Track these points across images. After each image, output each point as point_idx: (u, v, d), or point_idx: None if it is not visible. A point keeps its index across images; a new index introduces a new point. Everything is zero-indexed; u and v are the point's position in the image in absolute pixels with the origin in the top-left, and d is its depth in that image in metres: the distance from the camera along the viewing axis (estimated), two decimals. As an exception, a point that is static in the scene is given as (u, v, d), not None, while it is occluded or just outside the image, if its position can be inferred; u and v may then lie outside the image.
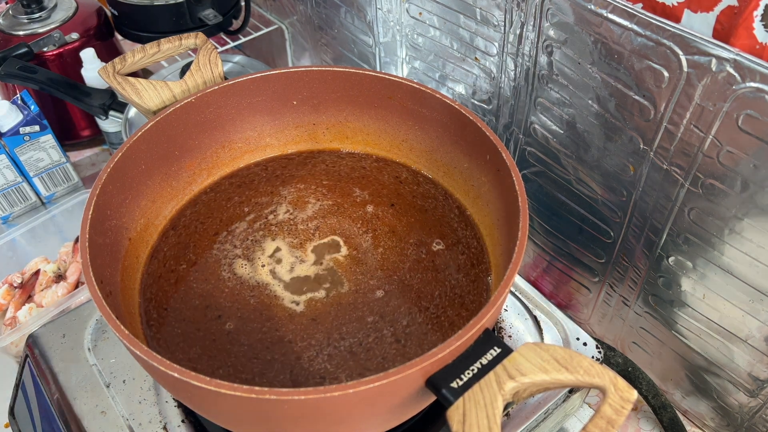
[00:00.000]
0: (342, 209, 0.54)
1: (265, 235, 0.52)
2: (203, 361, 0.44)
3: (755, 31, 0.39)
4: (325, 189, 0.55)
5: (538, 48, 0.52)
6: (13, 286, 0.71)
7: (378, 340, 0.44)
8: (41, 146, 0.81)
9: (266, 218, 0.53)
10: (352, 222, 0.52)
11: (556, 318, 0.55)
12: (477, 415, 0.32)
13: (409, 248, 0.50)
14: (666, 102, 0.44)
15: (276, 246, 0.51)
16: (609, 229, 0.56)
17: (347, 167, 0.57)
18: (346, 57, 0.81)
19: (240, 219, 0.53)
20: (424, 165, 0.56)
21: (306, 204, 0.54)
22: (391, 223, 0.52)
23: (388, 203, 0.54)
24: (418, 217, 0.53)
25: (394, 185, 0.55)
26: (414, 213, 0.53)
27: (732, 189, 0.44)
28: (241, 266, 0.50)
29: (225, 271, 0.49)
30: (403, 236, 0.51)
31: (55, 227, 0.78)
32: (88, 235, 0.40)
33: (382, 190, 0.55)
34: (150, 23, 0.83)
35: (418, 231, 0.52)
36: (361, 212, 0.53)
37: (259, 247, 0.51)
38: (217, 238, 0.52)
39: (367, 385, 0.31)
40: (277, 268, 0.50)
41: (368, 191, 0.55)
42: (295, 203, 0.54)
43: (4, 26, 0.88)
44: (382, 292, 0.47)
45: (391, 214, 0.53)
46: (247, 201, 0.55)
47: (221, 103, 0.53)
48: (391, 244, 0.51)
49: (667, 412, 0.57)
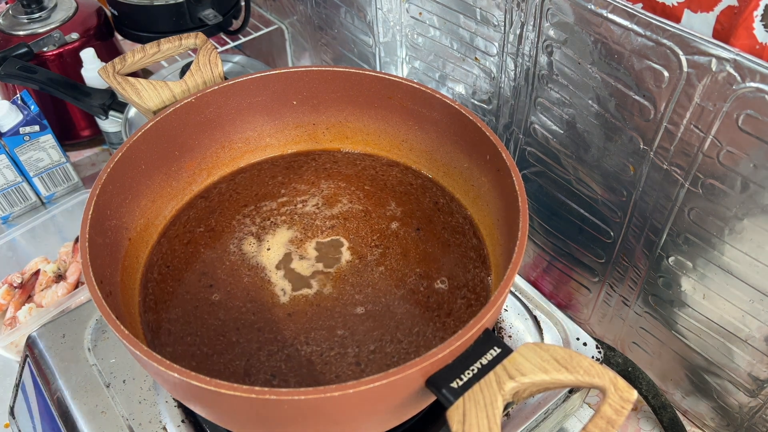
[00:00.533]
0: (368, 217, 0.53)
1: (285, 220, 0.53)
2: (178, 324, 0.45)
3: (755, 31, 0.39)
4: (362, 194, 0.54)
5: (538, 48, 0.52)
6: (13, 286, 0.71)
7: (339, 357, 0.43)
8: (41, 146, 0.81)
9: (295, 205, 0.54)
10: (371, 233, 0.52)
11: (556, 318, 0.55)
12: (477, 415, 0.32)
13: (412, 277, 0.48)
14: (666, 102, 0.44)
15: (290, 235, 0.51)
16: (609, 229, 0.56)
17: (395, 179, 0.56)
18: (346, 57, 0.81)
19: (272, 198, 0.54)
20: (424, 165, 0.56)
21: (336, 202, 0.54)
22: (407, 246, 0.51)
23: (416, 226, 0.52)
24: (438, 251, 0.50)
25: (431, 210, 0.53)
26: (437, 245, 0.50)
27: (732, 189, 0.44)
28: (250, 244, 0.51)
29: (233, 244, 0.51)
30: (412, 263, 0.49)
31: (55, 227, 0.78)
32: (88, 235, 0.40)
33: (416, 211, 0.53)
34: (150, 23, 0.83)
35: (430, 264, 0.49)
36: (384, 226, 0.52)
37: (273, 231, 0.52)
38: (243, 211, 0.53)
39: (367, 385, 0.31)
40: (280, 254, 0.50)
41: (403, 208, 0.53)
42: (327, 199, 0.54)
43: (4, 26, 0.88)
44: (363, 309, 0.46)
45: (412, 238, 0.51)
46: (286, 183, 0.56)
47: (221, 103, 0.53)
48: (396, 267, 0.49)
49: (667, 412, 0.57)
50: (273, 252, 0.50)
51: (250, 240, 0.51)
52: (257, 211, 0.53)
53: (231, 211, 0.54)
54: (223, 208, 0.54)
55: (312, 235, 0.52)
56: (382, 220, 0.53)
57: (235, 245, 0.51)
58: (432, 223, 0.52)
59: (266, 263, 0.50)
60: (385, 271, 0.49)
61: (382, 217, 0.53)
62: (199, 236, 0.51)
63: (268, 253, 0.50)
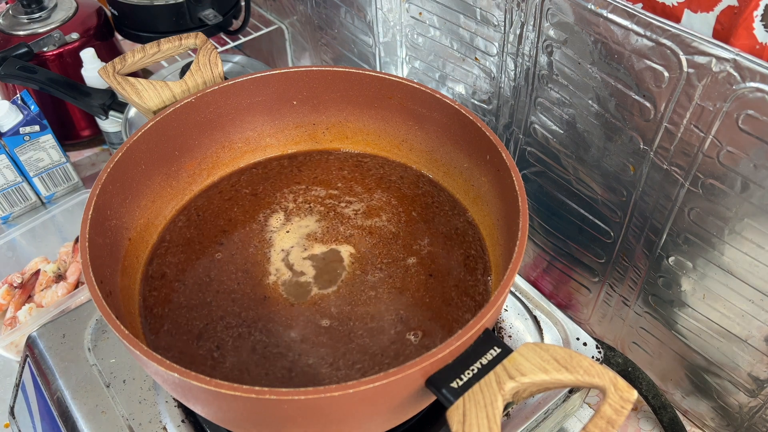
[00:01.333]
0: (397, 241, 0.51)
1: (320, 211, 0.53)
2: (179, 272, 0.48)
3: (755, 31, 0.39)
4: (406, 215, 0.53)
5: (538, 48, 0.52)
6: (13, 286, 0.71)
7: (278, 357, 0.43)
8: (41, 146, 0.81)
9: (340, 200, 0.54)
10: (383, 256, 0.50)
11: (556, 318, 0.55)
12: (477, 415, 0.32)
13: (391, 315, 0.46)
14: (666, 102, 0.44)
15: (313, 227, 0.52)
16: (609, 229, 0.56)
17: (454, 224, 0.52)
18: (346, 57, 0.81)
19: (328, 187, 0.56)
20: (424, 165, 0.56)
21: (377, 216, 0.53)
22: (409, 286, 0.48)
23: (428, 272, 0.49)
24: (437, 304, 0.47)
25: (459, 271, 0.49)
26: (439, 301, 0.47)
27: (732, 189, 0.44)
28: (277, 219, 0.52)
29: (263, 214, 0.53)
30: (401, 304, 0.47)
31: (55, 227, 0.78)
32: (88, 235, 0.40)
33: (439, 258, 0.50)
34: (150, 23, 0.83)
35: (416, 314, 0.46)
36: (401, 256, 0.50)
37: (304, 216, 0.53)
38: (290, 188, 0.55)
39: (367, 385, 0.31)
40: (295, 239, 0.51)
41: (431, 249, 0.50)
42: (370, 210, 0.54)
43: (4, 26, 0.88)
44: (328, 323, 0.45)
45: (419, 281, 0.48)
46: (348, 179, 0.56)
47: (221, 103, 0.53)
48: (384, 299, 0.47)
49: (667, 412, 0.57)
50: (292, 234, 0.52)
51: (279, 216, 0.53)
52: (307, 191, 0.55)
53: (281, 184, 0.56)
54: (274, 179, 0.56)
55: (331, 236, 0.52)
56: (404, 252, 0.50)
57: (265, 216, 0.53)
58: (448, 278, 0.49)
59: (278, 241, 0.51)
60: (373, 297, 0.47)
61: (407, 248, 0.51)
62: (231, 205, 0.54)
63: (285, 234, 0.52)
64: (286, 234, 0.52)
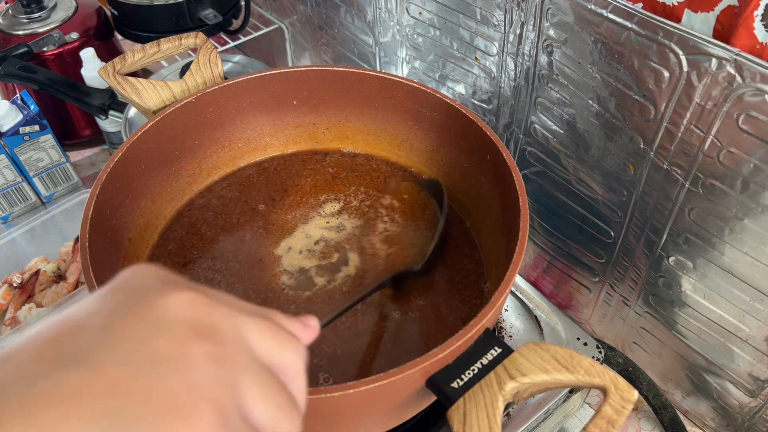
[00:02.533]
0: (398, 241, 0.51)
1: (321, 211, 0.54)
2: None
3: (755, 31, 0.39)
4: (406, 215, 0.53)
5: (538, 48, 0.52)
6: (13, 286, 0.71)
7: None
8: (41, 146, 0.81)
9: (340, 200, 0.55)
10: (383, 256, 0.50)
11: (557, 318, 0.55)
12: (477, 415, 0.32)
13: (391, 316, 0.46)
14: (666, 102, 0.44)
15: (315, 227, 0.53)
16: (609, 229, 0.56)
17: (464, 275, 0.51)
18: (346, 57, 0.81)
19: (372, 187, 0.56)
20: (424, 165, 0.56)
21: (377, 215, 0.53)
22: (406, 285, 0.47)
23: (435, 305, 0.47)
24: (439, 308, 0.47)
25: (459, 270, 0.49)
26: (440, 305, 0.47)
27: (732, 189, 0.44)
28: (277, 219, 0.54)
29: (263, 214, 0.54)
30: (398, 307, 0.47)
31: (55, 227, 0.78)
32: (88, 235, 0.40)
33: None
34: (150, 23, 0.83)
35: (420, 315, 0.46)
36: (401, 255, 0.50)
37: (304, 216, 0.54)
38: (290, 188, 0.56)
39: (368, 385, 0.31)
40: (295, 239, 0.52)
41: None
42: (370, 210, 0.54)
43: (3, 26, 0.88)
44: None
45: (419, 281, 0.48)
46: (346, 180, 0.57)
47: (221, 103, 0.53)
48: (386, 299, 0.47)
49: (667, 412, 0.57)
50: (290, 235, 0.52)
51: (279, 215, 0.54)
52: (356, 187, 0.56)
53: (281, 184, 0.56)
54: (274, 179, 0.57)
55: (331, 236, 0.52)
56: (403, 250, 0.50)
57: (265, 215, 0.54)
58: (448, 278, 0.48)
59: (277, 242, 0.51)
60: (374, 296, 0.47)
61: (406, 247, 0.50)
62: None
63: (286, 234, 0.52)
64: (286, 234, 0.52)
